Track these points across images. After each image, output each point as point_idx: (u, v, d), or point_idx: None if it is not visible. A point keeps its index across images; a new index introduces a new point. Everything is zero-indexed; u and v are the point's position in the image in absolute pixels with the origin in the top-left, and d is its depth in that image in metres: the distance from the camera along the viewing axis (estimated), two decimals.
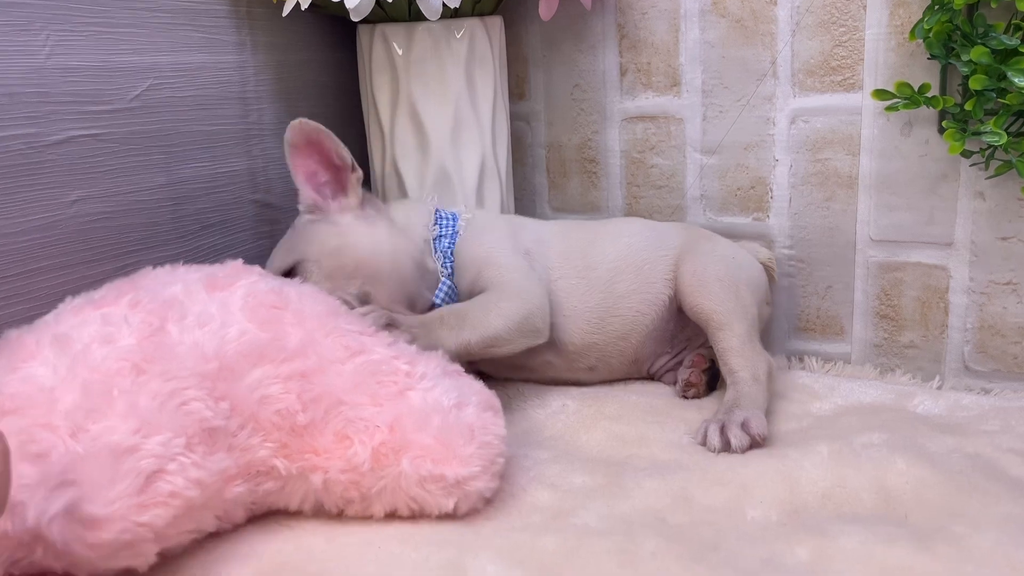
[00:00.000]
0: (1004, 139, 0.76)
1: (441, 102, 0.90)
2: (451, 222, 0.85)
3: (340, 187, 0.80)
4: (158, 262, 0.79)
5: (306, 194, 0.80)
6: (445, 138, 0.91)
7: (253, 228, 0.91)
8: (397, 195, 0.94)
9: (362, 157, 1.02)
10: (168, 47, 0.79)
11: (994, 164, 0.80)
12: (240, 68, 0.87)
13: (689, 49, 0.94)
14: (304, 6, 0.80)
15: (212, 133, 0.84)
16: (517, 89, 1.04)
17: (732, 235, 0.95)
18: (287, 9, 0.82)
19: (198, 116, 0.83)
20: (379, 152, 0.95)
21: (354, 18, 0.79)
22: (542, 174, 1.06)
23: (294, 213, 0.86)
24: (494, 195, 0.95)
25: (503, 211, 0.97)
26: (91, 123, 0.72)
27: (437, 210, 0.86)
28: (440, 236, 0.83)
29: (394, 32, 0.88)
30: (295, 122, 0.77)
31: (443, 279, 0.81)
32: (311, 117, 0.96)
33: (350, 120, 1.02)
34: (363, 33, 0.91)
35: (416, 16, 0.88)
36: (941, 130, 0.83)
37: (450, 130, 0.90)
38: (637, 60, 0.97)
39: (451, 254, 0.83)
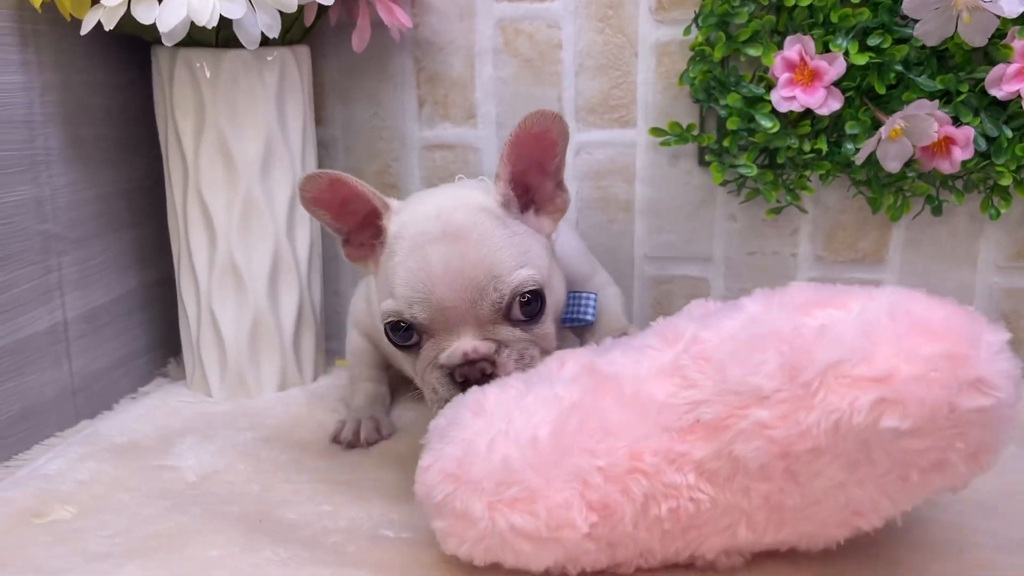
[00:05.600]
0: (755, 171, 0.92)
1: (251, 131, 0.89)
2: None
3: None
4: None
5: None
6: (255, 168, 0.90)
7: (41, 262, 0.83)
8: (200, 226, 0.91)
9: (156, 184, 0.97)
10: None
11: (744, 191, 0.96)
12: (26, 89, 0.80)
13: (484, 85, 1.01)
14: (109, 26, 0.76)
15: None
16: (315, 116, 1.05)
17: None
18: (87, 27, 0.77)
19: None
20: (180, 181, 0.91)
21: (167, 42, 0.77)
22: None
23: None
24: (305, 223, 0.96)
25: (311, 237, 0.98)
26: None
27: None
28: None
29: (200, 57, 0.86)
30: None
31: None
32: (99, 141, 0.92)
33: (139, 146, 0.97)
34: (163, 57, 0.88)
35: (224, 43, 0.86)
36: (701, 162, 0.98)
37: (261, 160, 0.90)
38: (435, 93, 1.03)
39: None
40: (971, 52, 0.85)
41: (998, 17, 0.79)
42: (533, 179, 0.71)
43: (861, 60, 0.86)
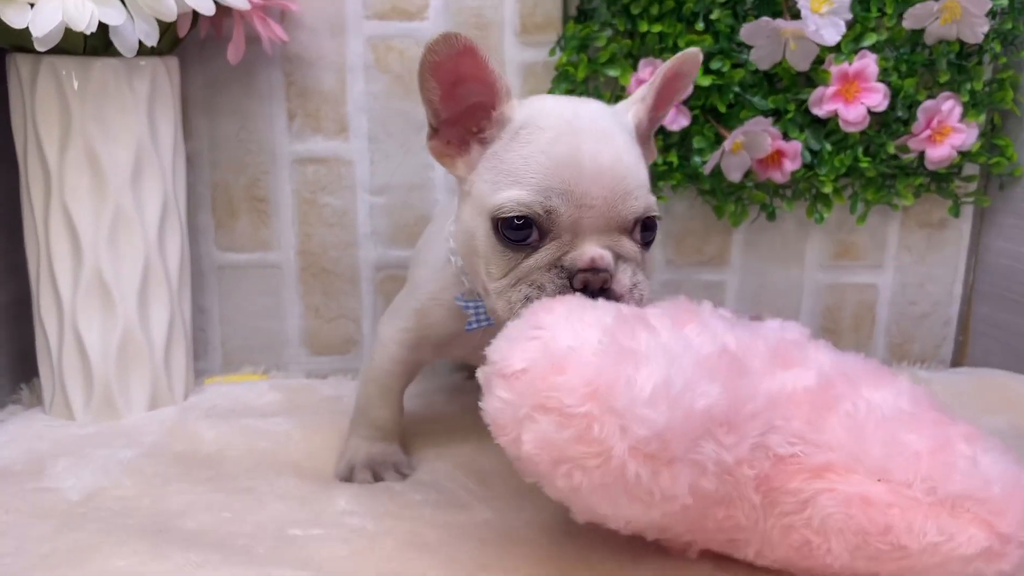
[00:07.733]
0: None
1: (122, 141, 0.87)
2: None
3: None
4: None
5: None
6: (125, 178, 0.88)
7: None
8: (64, 239, 0.87)
9: (4, 199, 0.92)
10: None
11: None
12: None
13: (356, 99, 1.04)
14: None
15: None
16: None
17: (401, 267, 1.07)
18: None
19: None
20: (41, 193, 0.87)
21: (40, 48, 0.74)
22: (207, 214, 1.06)
23: None
24: (175, 236, 0.94)
25: (182, 250, 0.96)
26: None
27: None
28: None
29: (66, 65, 0.83)
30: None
31: None
32: None
33: None
34: (23, 64, 0.84)
35: (91, 51, 0.84)
36: None
37: (131, 170, 0.88)
38: (306, 107, 1.04)
39: None
40: (796, 76, 0.98)
41: (818, 45, 0.92)
42: None
43: (705, 82, 0.96)
